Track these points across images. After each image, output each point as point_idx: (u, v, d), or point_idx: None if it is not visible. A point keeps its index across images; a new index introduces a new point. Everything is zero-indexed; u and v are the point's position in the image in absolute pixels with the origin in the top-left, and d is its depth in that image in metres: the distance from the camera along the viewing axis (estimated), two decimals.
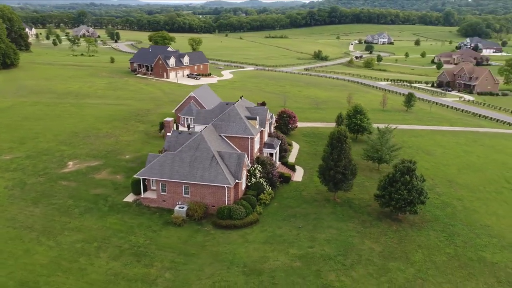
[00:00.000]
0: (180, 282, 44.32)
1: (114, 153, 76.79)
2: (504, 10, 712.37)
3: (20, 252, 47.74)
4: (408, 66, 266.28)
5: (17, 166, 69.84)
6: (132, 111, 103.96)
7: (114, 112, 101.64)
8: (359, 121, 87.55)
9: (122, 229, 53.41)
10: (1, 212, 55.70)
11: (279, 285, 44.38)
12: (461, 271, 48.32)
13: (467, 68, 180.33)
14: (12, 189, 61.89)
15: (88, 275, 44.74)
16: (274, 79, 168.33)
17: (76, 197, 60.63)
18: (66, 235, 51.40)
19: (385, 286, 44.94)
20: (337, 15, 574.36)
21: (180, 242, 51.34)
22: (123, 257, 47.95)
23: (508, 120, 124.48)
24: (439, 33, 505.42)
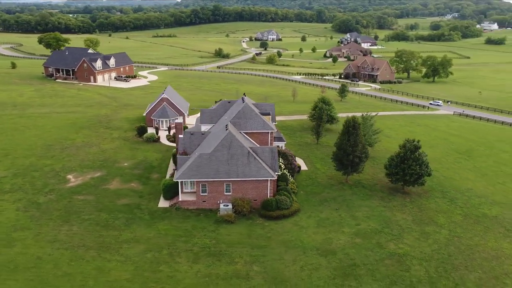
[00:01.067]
0: (272, 271, 46.28)
1: (109, 162, 72.62)
2: (363, 8, 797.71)
3: (94, 272, 44.65)
4: (306, 61, 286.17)
5: (11, 186, 62.31)
6: (92, 118, 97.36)
7: (74, 121, 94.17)
8: (328, 111, 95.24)
9: (179, 233, 52.61)
10: (35, 235, 50.41)
11: (357, 259, 49.11)
12: (477, 226, 58.35)
13: (369, 61, 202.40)
14: (27, 211, 55.73)
15: (181, 281, 44.12)
16: (203, 78, 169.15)
17: (105, 209, 57.15)
18: (127, 248, 49.06)
19: (434, 246, 52.53)
20: (221, 13, 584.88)
21: (244, 237, 52.64)
22: (202, 259, 47.88)
23: (417, 102, 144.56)
24: (316, 29, 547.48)
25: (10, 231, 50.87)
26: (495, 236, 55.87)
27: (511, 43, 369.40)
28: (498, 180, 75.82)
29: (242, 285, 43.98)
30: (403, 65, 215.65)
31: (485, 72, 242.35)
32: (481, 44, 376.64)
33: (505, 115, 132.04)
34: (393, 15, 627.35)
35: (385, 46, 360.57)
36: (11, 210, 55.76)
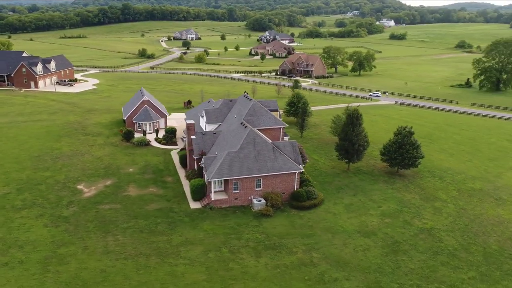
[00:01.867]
0: (331, 256, 49.29)
1: (112, 169, 69.58)
2: (270, 6, 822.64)
3: (169, 277, 43.96)
4: (235, 59, 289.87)
5: (23, 202, 57.26)
6: (64, 126, 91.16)
7: (47, 129, 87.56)
8: (303, 105, 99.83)
9: (227, 231, 53.22)
10: (84, 248, 47.72)
11: (396, 237, 54.06)
12: (472, 198, 66.79)
13: (304, 57, 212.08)
14: (57, 225, 52.10)
15: (257, 274, 45.30)
16: (150, 79, 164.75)
17: (140, 216, 55.47)
18: (186, 251, 48.68)
19: (450, 219, 59.43)
20: (131, 13, 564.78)
21: (289, 228, 54.82)
22: (262, 252, 49.29)
23: (360, 94, 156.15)
24: (231, 27, 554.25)
25: (53, 248, 47.52)
26: (490, 205, 64.53)
27: (411, 38, 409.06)
28: (464, 158, 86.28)
29: (312, 272, 46.39)
30: (330, 61, 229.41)
31: (398, 65, 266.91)
32: (386, 39, 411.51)
33: (438, 103, 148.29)
34: (299, 13, 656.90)
35: (302, 43, 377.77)
36: (38, 226, 51.71)
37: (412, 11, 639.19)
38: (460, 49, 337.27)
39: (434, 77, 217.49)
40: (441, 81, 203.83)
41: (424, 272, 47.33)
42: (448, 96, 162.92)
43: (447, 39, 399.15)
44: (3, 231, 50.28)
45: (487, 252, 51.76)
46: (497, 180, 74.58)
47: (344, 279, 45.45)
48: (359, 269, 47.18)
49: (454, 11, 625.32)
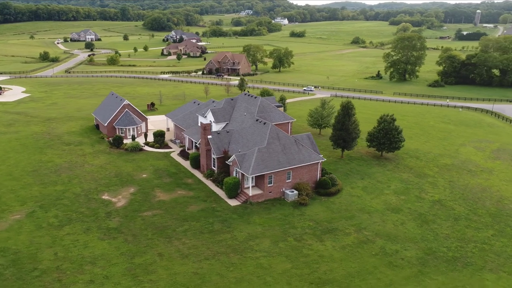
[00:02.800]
0: (380, 232, 54.88)
1: (125, 176, 66.84)
2: (162, 5, 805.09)
3: (258, 270, 45.61)
4: (149, 60, 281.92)
5: (58, 219, 52.99)
6: (34, 137, 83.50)
7: (18, 142, 79.60)
8: (280, 100, 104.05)
9: (280, 223, 55.74)
10: (159, 255, 46.73)
11: (418, 210, 61.60)
12: (452, 172, 77.65)
13: (229, 56, 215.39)
14: (114, 237, 49.78)
15: (335, 256, 48.96)
16: (84, 84, 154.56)
17: (190, 218, 55.26)
18: (256, 244, 50.42)
19: (448, 191, 68.92)
20: (11, 12, 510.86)
21: (329, 213, 59.14)
22: (323, 236, 53.02)
23: (297, 90, 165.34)
24: (127, 27, 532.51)
25: (128, 259, 45.78)
26: (467, 176, 75.91)
27: (309, 35, 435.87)
28: (422, 140, 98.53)
29: (374, 248, 51.44)
30: (250, 58, 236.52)
31: (309, 61, 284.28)
32: (287, 37, 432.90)
33: (369, 93, 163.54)
34: (194, 12, 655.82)
35: (210, 42, 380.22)
36: (94, 241, 48.92)
37: (301, 10, 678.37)
38: (356, 44, 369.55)
39: (345, 70, 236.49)
40: (354, 74, 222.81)
41: (457, 235, 55.33)
42: (367, 87, 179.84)
43: (341, 35, 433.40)
44: (61, 250, 46.75)
45: (491, 213, 61.80)
46: (458, 155, 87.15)
47: (403, 249, 51.34)
48: (409, 240, 53.49)
49: (338, 10, 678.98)
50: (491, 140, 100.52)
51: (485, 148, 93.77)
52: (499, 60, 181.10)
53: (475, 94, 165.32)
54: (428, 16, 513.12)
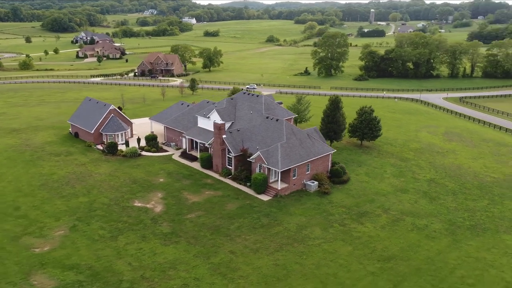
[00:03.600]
0: (404, 210, 61.22)
1: (142, 182, 65.08)
2: (57, 5, 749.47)
3: (328, 255, 48.91)
4: (67, 63, 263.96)
5: (106, 230, 50.63)
6: (13, 149, 76.14)
7: (4, 156, 72.01)
8: None
9: (317, 212, 59.27)
10: (231, 253, 47.53)
11: (421, 189, 69.37)
12: (426, 154, 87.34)
13: (162, 56, 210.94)
14: (177, 241, 49.27)
15: (379, 235, 53.95)
16: (20, 91, 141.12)
17: (236, 216, 56.51)
18: (313, 231, 53.59)
19: (433, 171, 78.06)
20: None
21: (352, 199, 63.97)
22: (360, 220, 57.83)
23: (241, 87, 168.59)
24: (22, 29, 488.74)
25: (205, 260, 45.98)
26: (440, 157, 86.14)
27: (223, 35, 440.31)
28: (385, 128, 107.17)
29: (407, 224, 57.38)
30: (180, 58, 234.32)
31: (234, 59, 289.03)
32: (201, 36, 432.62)
33: (308, 89, 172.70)
34: (94, 12, 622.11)
35: (125, 43, 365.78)
36: (159, 247, 48.04)
37: (207, 9, 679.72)
38: (271, 43, 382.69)
39: (272, 68, 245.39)
40: (283, 71, 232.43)
41: (462, 207, 63.81)
42: (301, 83, 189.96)
43: (254, 34, 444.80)
44: (132, 260, 45.34)
45: (476, 186, 71.76)
46: (420, 140, 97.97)
47: (430, 223, 58.14)
48: (429, 215, 60.50)
49: (244, 9, 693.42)
50: (435, 125, 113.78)
51: (436, 132, 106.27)
52: (413, 55, 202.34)
53: (396, 86, 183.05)
54: (329, 15, 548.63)
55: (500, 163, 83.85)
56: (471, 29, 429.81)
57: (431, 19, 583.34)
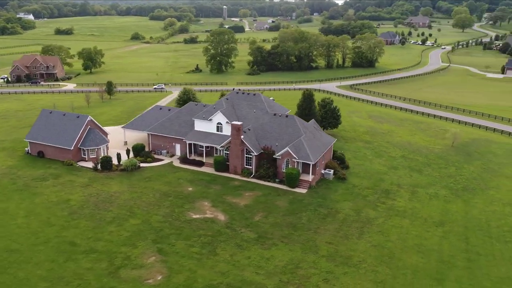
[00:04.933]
0: (414, 183, 70.93)
1: (176, 194, 61.56)
2: None
3: (400, 232, 54.96)
4: None
5: (199, 249, 47.17)
6: None
7: None
8: (193, 97, 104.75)
9: (351, 196, 64.87)
10: (313, 250, 49.97)
11: (408, 163, 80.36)
12: (376, 137, 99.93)
13: (40, 59, 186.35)
14: (283, 243, 49.17)
15: (416, 207, 62.28)
16: None
17: (295, 211, 58.52)
18: (367, 214, 58.82)
19: (398, 148, 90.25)
20: None
21: (369, 180, 71.15)
22: (390, 197, 65.46)
23: (148, 89, 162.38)
24: None
25: (333, 253, 47.48)
26: (387, 137, 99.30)
27: (78, 32, 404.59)
28: None
29: (430, 193, 66.92)
30: (61, 61, 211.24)
31: (109, 59, 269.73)
32: (53, 34, 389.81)
33: (215, 86, 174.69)
34: None
35: None
36: (274, 250, 47.52)
37: (41, 4, 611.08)
38: (137, 40, 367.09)
39: (156, 66, 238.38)
40: (172, 69, 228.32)
41: (443, 174, 76.23)
42: (200, 80, 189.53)
43: (111, 31, 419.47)
44: (252, 268, 44.67)
45: (436, 157, 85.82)
46: (361, 124, 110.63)
47: (436, 191, 68.79)
48: (430, 184, 71.30)
49: (87, 4, 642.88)
50: (356, 110, 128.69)
51: (363, 116, 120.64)
52: (296, 49, 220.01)
53: (286, 78, 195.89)
54: (183, 11, 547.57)
55: (432, 137, 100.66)
56: (313, 24, 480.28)
57: (276, 15, 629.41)
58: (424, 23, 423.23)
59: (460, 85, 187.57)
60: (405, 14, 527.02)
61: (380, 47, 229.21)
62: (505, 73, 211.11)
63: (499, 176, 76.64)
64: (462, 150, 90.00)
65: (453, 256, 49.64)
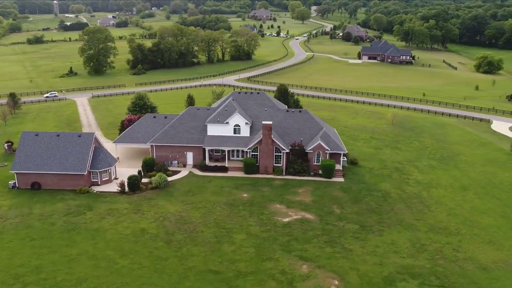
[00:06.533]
0: (397, 159, 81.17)
1: (235, 203, 58.34)
2: None
3: (455, 201, 63.71)
4: None
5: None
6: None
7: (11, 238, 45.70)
8: (148, 102, 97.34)
9: (378, 178, 71.17)
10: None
11: (384, 146, 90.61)
12: (333, 122, 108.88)
13: None
14: (370, 233, 52.18)
15: (440, 185, 72.31)
16: None
17: (360, 199, 62.07)
18: (407, 190, 66.00)
19: (360, 130, 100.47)
20: None
21: (376, 164, 78.38)
22: (405, 178, 74.02)
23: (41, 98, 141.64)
24: None
25: (428, 233, 52.51)
26: (341, 122, 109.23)
27: None
28: None
29: (423, 168, 77.65)
30: None
31: None
32: None
33: (117, 89, 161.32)
34: None
35: None
36: (372, 238, 50.43)
37: None
38: None
39: (16, 72, 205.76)
40: (39, 75, 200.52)
41: (415, 148, 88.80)
42: (77, 85, 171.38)
43: None
44: (426, 255, 47.01)
45: (394, 134, 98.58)
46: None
47: (425, 164, 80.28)
48: (415, 160, 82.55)
49: None
50: None
51: None
52: (177, 46, 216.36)
53: (177, 75, 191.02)
54: (6, 7, 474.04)
55: (370, 118, 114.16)
56: (157, 19, 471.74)
57: (112, 10, 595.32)
58: (268, 16, 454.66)
59: (333, 71, 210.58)
60: (243, 7, 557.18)
61: (256, 40, 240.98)
62: (361, 59, 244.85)
63: (451, 144, 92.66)
64: (403, 127, 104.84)
65: (491, 209, 60.44)
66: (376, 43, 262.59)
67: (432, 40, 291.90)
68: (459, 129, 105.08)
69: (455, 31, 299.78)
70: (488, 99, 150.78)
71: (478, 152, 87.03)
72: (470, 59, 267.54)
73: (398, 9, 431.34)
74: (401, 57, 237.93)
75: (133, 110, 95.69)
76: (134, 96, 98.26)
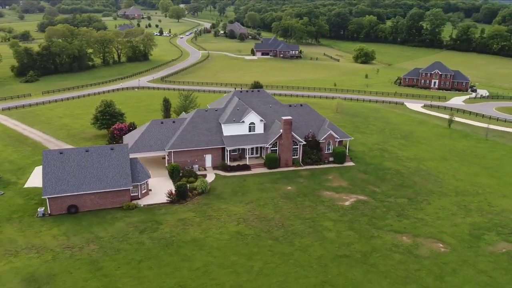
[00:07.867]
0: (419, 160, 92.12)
1: (286, 198, 60.75)
2: None
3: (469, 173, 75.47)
4: None
5: None
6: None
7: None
8: (114, 109, 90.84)
9: (383, 159, 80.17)
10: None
11: (365, 136, 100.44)
12: None
13: None
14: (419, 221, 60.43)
15: (458, 175, 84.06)
16: None
17: (385, 180, 69.15)
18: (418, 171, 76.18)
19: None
20: None
21: (364, 146, 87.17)
22: (411, 148, 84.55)
23: None
24: None
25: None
26: None
27: None
28: None
29: (416, 148, 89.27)
30: None
31: None
32: None
33: (28, 98, 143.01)
34: None
35: None
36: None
37: None
38: None
39: None
40: None
41: (383, 128, 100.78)
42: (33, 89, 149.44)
43: None
44: None
45: (346, 121, 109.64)
46: None
47: (405, 141, 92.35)
48: (398, 139, 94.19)
49: None
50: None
51: None
52: (70, 48, 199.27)
53: (77, 81, 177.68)
54: None
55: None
56: (7, 19, 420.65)
57: None
58: (140, 15, 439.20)
59: (235, 68, 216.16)
60: (108, 6, 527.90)
61: (152, 39, 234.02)
62: (256, 55, 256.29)
63: (398, 124, 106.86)
64: (349, 114, 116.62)
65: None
66: (266, 39, 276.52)
67: (308, 35, 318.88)
68: (391, 112, 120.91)
69: (326, 27, 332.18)
70: (381, 85, 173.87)
71: (424, 129, 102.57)
72: (342, 51, 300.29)
73: (265, 7, 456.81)
74: (291, 52, 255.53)
75: (102, 119, 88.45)
76: (100, 104, 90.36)
